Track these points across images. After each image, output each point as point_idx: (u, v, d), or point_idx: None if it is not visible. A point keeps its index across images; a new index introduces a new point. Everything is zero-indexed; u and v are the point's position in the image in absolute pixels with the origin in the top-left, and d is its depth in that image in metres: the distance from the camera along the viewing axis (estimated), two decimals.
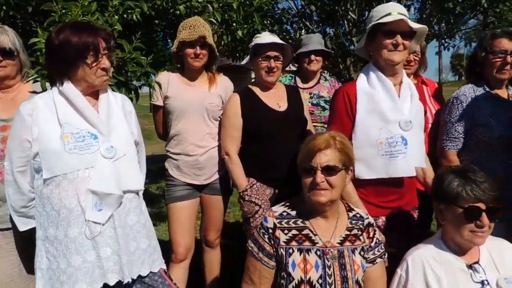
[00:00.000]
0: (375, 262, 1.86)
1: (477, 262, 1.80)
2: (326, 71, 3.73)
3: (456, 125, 2.54)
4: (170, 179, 2.89)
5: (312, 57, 3.32)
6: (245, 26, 3.49)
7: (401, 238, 2.12)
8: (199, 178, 2.85)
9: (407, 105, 2.15)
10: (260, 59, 2.67)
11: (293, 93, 2.85)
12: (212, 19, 3.07)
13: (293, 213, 1.88)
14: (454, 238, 1.83)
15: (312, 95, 3.36)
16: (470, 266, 1.79)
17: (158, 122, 2.97)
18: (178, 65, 2.90)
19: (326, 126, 2.95)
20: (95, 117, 1.85)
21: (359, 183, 2.16)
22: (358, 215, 1.92)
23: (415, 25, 2.12)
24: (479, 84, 2.58)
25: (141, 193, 2.13)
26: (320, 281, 1.75)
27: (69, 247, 1.74)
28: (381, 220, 2.19)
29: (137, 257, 1.89)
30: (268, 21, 4.61)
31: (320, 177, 1.75)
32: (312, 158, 1.78)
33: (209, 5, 3.13)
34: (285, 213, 1.88)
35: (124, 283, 1.81)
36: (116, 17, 2.80)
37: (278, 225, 1.84)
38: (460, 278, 1.78)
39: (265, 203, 2.64)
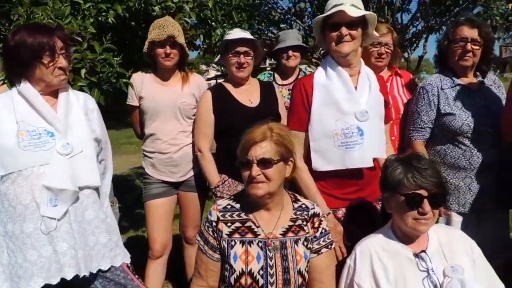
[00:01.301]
0: (320, 252, 1.86)
1: (424, 251, 1.79)
2: (311, 66, 3.73)
3: (422, 115, 2.53)
4: (146, 177, 2.96)
5: (290, 53, 3.34)
6: (225, 25, 3.52)
7: (362, 229, 2.11)
8: (175, 175, 2.91)
9: (364, 96, 2.14)
10: (230, 55, 2.70)
11: (267, 89, 2.87)
12: (186, 19, 3.11)
13: (237, 206, 1.90)
14: (400, 226, 1.83)
15: (291, 91, 3.37)
16: (416, 255, 1.79)
17: (135, 122, 3.04)
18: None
19: None
20: (52, 115, 1.90)
21: (318, 175, 2.17)
22: (303, 206, 1.92)
23: (356, 14, 2.07)
24: (445, 74, 2.56)
25: (106, 189, 2.19)
26: (261, 272, 1.77)
27: (25, 242, 1.80)
28: (341, 212, 2.19)
29: (96, 251, 1.94)
30: (256, 20, 4.64)
31: (255, 170, 1.74)
32: (248, 151, 1.78)
33: (184, 5, 3.16)
34: (229, 206, 1.90)
35: (80, 277, 1.86)
36: (92, 19, 2.88)
37: (221, 218, 1.86)
38: (406, 267, 1.77)
39: None
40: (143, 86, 2.86)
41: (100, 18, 2.87)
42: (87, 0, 2.81)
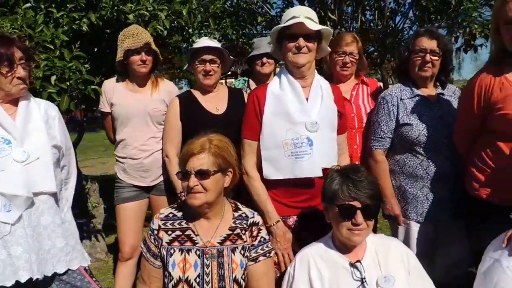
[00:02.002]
0: (257, 260, 1.91)
1: (359, 261, 1.83)
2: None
3: (382, 124, 2.56)
4: (118, 182, 3.03)
5: (264, 59, 3.38)
6: (202, 32, 3.58)
7: (314, 236, 2.15)
8: (145, 180, 2.97)
9: (315, 107, 2.18)
10: (197, 63, 2.76)
11: (235, 96, 2.92)
12: (160, 27, 3.17)
13: (179, 214, 1.95)
14: (337, 236, 1.87)
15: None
16: (352, 264, 1.83)
17: (108, 128, 3.11)
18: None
19: None
20: (9, 123, 1.98)
21: (271, 183, 2.21)
22: (243, 215, 1.97)
23: (315, 27, 2.13)
24: (406, 84, 2.59)
25: (68, 194, 2.26)
26: (197, 279, 1.82)
27: None
28: (292, 220, 2.22)
29: (52, 255, 2.00)
30: (241, 26, 4.69)
31: (193, 181, 1.80)
32: (187, 162, 1.84)
33: (159, 13, 3.23)
34: (171, 215, 1.95)
35: (34, 279, 1.93)
36: (66, 27, 2.97)
37: (162, 226, 1.91)
38: (341, 276, 1.81)
39: None
40: (114, 93, 2.93)
41: (74, 27, 2.95)
42: (60, 9, 2.89)
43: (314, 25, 2.14)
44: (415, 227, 2.53)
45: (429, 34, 2.46)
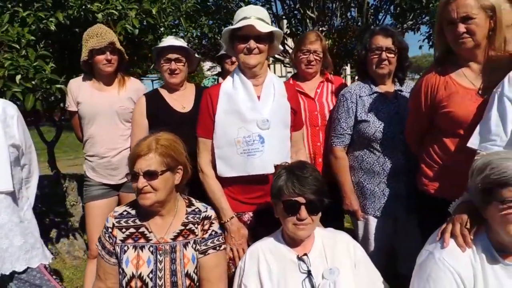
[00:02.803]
0: (207, 253, 1.95)
1: (306, 254, 1.87)
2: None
3: (341, 121, 2.60)
4: (87, 180, 3.06)
5: (234, 58, 3.41)
6: (174, 31, 3.61)
7: (270, 232, 2.19)
8: (114, 178, 3.01)
9: (267, 105, 2.22)
10: (162, 62, 2.79)
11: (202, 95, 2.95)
12: (129, 26, 3.20)
13: (133, 212, 1.99)
14: (285, 231, 1.91)
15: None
16: (299, 258, 1.87)
17: (76, 127, 3.14)
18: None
19: None
20: None
21: (226, 181, 2.25)
22: (196, 210, 2.01)
23: (265, 29, 2.16)
24: (365, 81, 2.63)
25: (28, 194, 2.29)
26: (150, 275, 1.87)
27: None
28: (248, 216, 2.26)
29: (10, 254, 2.03)
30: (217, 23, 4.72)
31: (141, 182, 1.82)
32: (134, 163, 1.87)
33: (128, 12, 3.25)
34: (125, 213, 1.99)
35: None
36: (33, 26, 2.99)
37: (116, 224, 1.95)
38: (289, 269, 1.86)
39: None
40: (80, 92, 2.96)
41: (41, 26, 2.98)
42: (27, 8, 2.92)
43: (264, 27, 2.17)
44: (373, 222, 2.58)
45: (384, 33, 2.50)
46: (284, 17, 5.89)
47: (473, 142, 1.87)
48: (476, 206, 1.62)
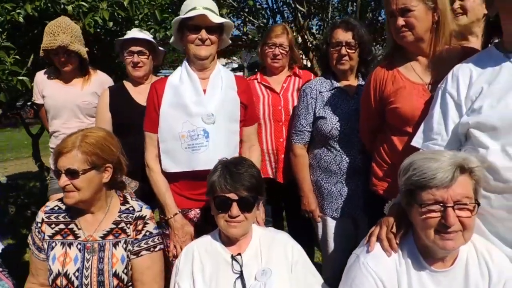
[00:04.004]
0: (140, 254, 1.88)
1: (239, 254, 1.81)
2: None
3: (301, 118, 2.52)
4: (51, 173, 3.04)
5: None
6: (149, 24, 3.56)
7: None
8: None
9: (214, 99, 2.15)
10: (126, 54, 2.76)
11: None
12: (97, 19, 3.16)
13: (65, 207, 1.93)
14: (220, 228, 1.85)
15: None
16: (233, 257, 1.81)
17: (43, 119, 3.13)
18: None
19: None
20: None
21: (172, 176, 2.19)
22: (130, 208, 1.94)
23: (218, 20, 2.12)
24: (327, 76, 2.54)
25: None
26: (76, 274, 1.81)
27: None
28: (194, 212, 2.21)
29: None
30: None
31: (63, 180, 1.75)
32: (57, 161, 1.79)
33: (99, 4, 3.22)
34: (56, 208, 1.94)
35: None
36: (1, 18, 2.98)
37: (46, 219, 1.90)
38: (222, 268, 1.80)
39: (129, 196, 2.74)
40: (45, 85, 2.94)
41: (8, 18, 2.96)
42: None
43: (216, 18, 2.12)
44: (331, 223, 2.50)
45: (344, 26, 2.39)
46: (276, 10, 5.78)
47: (417, 140, 1.77)
48: (404, 208, 1.53)
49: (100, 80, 3.02)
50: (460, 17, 2.47)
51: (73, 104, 2.90)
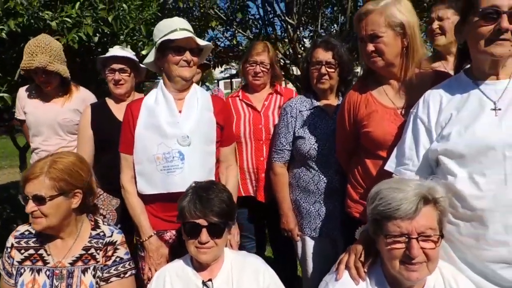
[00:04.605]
0: (109, 281, 1.86)
1: (210, 279, 1.79)
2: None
3: (281, 136, 2.51)
4: None
5: None
6: (134, 38, 3.57)
7: None
8: None
9: (189, 120, 2.14)
10: (107, 72, 2.76)
11: None
12: (81, 34, 3.17)
13: (35, 232, 1.89)
14: (190, 254, 1.84)
15: None
16: (204, 283, 1.79)
17: (26, 135, 3.12)
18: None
19: None
20: None
21: (148, 198, 2.17)
22: (101, 234, 1.92)
23: (202, 42, 2.15)
24: (307, 95, 2.54)
25: None
26: None
27: None
28: (170, 234, 2.19)
29: None
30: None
31: (30, 206, 1.73)
32: (25, 187, 1.77)
33: (84, 19, 3.22)
34: (27, 232, 1.91)
35: None
36: None
37: (15, 244, 1.87)
38: None
39: (110, 213, 2.73)
40: (26, 101, 2.94)
41: None
42: None
43: (201, 41, 2.16)
44: (310, 242, 2.48)
45: (324, 46, 2.39)
46: (267, 23, 5.80)
47: (390, 165, 1.77)
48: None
49: (82, 97, 3.01)
50: (438, 37, 2.49)
51: (53, 121, 2.89)
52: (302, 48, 5.75)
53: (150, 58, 2.21)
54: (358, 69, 2.95)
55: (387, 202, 1.39)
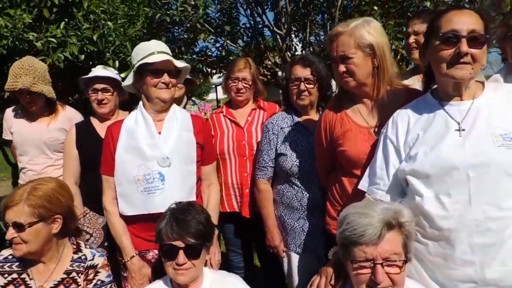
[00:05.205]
0: None
1: None
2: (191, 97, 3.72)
3: (264, 153, 2.54)
4: None
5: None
6: (120, 55, 3.60)
7: None
8: None
9: (169, 141, 2.17)
10: (90, 92, 2.79)
11: None
12: (67, 54, 3.20)
13: None
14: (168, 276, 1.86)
15: None
16: None
17: (14, 155, 3.15)
18: None
19: None
20: None
21: (130, 218, 2.20)
22: (83, 257, 1.94)
23: (179, 64, 2.18)
24: (288, 112, 2.56)
25: None
26: None
27: None
28: (152, 254, 2.21)
29: None
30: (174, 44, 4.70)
31: (10, 233, 1.76)
32: (5, 214, 1.80)
33: (69, 39, 3.26)
34: (10, 256, 1.93)
35: None
36: None
37: None
38: None
39: (97, 232, 2.75)
40: (13, 122, 2.97)
41: None
42: None
43: (179, 63, 2.20)
44: (295, 258, 2.50)
45: (302, 62, 2.43)
46: (256, 33, 5.84)
47: (363, 184, 1.80)
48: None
49: (68, 116, 3.04)
50: (415, 51, 2.52)
51: (39, 141, 2.92)
52: (292, 57, 5.79)
53: (129, 80, 2.24)
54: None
55: (353, 227, 1.41)
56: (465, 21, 1.46)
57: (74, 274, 1.90)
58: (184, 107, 3.47)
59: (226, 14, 5.48)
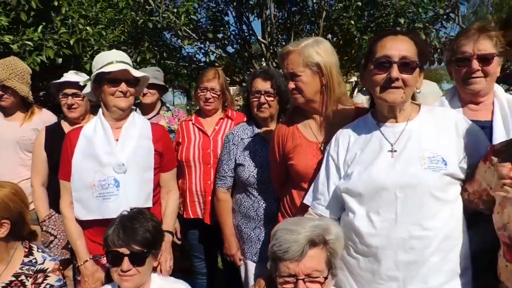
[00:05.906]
0: None
1: None
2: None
3: (223, 163, 2.59)
4: None
5: (145, 90, 3.41)
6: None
7: None
8: None
9: (126, 148, 2.21)
10: (61, 97, 2.84)
11: None
12: (42, 58, 3.25)
13: None
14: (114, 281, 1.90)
15: None
16: None
17: None
18: None
19: None
20: None
21: (86, 223, 2.23)
22: (33, 261, 1.98)
23: (137, 74, 2.23)
24: (249, 123, 2.62)
25: None
26: None
27: None
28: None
29: None
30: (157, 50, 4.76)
31: None
32: None
33: (46, 42, 3.31)
34: None
35: None
36: None
37: None
38: None
39: (61, 233, 2.79)
40: None
41: None
42: None
43: (136, 72, 2.24)
44: (251, 267, 2.54)
45: (263, 76, 2.48)
46: (242, 42, 5.91)
47: (308, 198, 1.85)
48: None
49: (44, 119, 3.08)
50: None
51: (11, 139, 2.96)
52: (275, 65, 5.85)
53: (88, 88, 2.30)
54: None
55: (279, 243, 1.46)
56: (397, 47, 1.52)
57: (23, 277, 1.94)
58: (158, 113, 3.53)
59: (212, 21, 5.55)
